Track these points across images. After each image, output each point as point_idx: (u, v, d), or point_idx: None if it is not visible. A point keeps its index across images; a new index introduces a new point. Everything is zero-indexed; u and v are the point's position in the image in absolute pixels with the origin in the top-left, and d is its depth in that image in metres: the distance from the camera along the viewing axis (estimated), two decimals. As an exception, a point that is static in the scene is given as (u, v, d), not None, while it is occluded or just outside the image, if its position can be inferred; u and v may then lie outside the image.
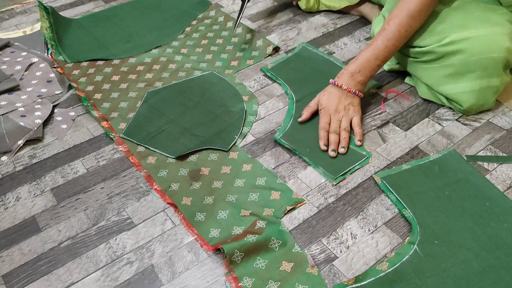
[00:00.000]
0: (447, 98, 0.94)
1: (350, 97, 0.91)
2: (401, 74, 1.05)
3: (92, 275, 0.69)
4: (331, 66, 1.07)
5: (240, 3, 1.18)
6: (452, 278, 0.66)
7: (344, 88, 0.90)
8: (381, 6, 1.17)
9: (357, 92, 0.91)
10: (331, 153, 0.85)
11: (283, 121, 0.94)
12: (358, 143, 0.88)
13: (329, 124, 0.89)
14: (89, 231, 0.75)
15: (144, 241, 0.74)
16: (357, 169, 0.83)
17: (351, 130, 0.90)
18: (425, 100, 0.98)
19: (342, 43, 1.17)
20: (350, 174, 0.83)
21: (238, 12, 1.17)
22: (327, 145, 0.87)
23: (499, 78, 0.88)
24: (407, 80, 1.02)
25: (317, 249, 0.71)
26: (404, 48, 0.95)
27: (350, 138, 0.88)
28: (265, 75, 1.07)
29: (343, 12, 1.28)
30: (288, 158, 0.86)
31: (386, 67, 1.06)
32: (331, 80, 0.92)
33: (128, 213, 0.78)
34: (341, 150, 0.86)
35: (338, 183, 0.81)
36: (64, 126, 0.95)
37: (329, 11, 1.29)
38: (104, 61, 1.12)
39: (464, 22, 0.87)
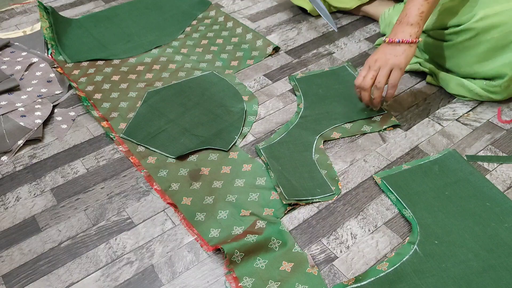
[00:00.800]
0: (484, 81, 0.93)
1: (394, 48, 0.85)
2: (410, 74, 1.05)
3: (92, 275, 0.69)
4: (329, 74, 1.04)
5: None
6: (452, 278, 0.66)
7: (386, 40, 0.85)
8: (391, 1, 1.17)
9: (400, 39, 0.84)
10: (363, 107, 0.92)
11: (277, 132, 0.90)
12: (385, 104, 0.89)
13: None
14: (89, 231, 0.75)
15: (144, 241, 0.74)
16: (317, 201, 0.78)
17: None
18: (425, 99, 0.98)
19: (342, 43, 1.17)
20: (306, 203, 0.78)
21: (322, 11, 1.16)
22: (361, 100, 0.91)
23: None
24: (428, 79, 1.02)
25: (317, 249, 0.71)
26: (435, 34, 0.95)
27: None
28: (266, 75, 1.07)
29: (343, 12, 1.28)
30: (288, 158, 0.86)
31: None
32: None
33: (128, 213, 0.78)
34: (374, 109, 0.92)
35: (289, 206, 0.76)
36: (64, 126, 0.95)
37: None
38: (104, 61, 1.12)
39: None
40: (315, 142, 0.88)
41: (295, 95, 1.00)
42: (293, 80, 1.03)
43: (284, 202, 0.77)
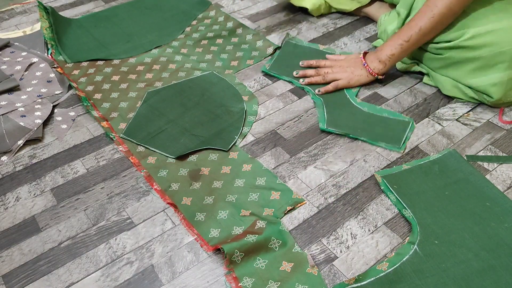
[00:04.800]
0: (475, 91, 0.94)
1: (359, 66, 0.99)
2: (410, 74, 1.05)
3: (92, 275, 0.69)
4: (318, 53, 1.12)
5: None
6: (452, 278, 0.66)
7: (360, 55, 0.99)
8: (391, 5, 1.17)
9: (371, 69, 0.97)
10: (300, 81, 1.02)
11: (317, 112, 0.95)
12: (317, 91, 0.99)
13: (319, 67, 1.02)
14: (89, 231, 0.75)
15: (144, 241, 0.74)
16: (410, 134, 0.89)
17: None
18: (425, 99, 0.98)
19: (342, 43, 1.17)
20: (408, 140, 0.87)
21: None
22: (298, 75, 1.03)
23: None
24: (425, 80, 1.02)
25: (317, 249, 0.71)
26: (425, 45, 0.96)
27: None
28: (266, 75, 1.07)
29: (344, 12, 1.28)
30: (288, 158, 0.87)
31: (398, 66, 1.06)
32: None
33: (128, 213, 0.78)
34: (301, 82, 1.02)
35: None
36: (64, 126, 0.95)
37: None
38: (104, 61, 1.12)
39: (483, 14, 0.89)
40: (351, 100, 0.97)
41: (288, 81, 1.04)
42: (267, 71, 1.07)
43: (402, 151, 0.85)
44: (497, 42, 0.87)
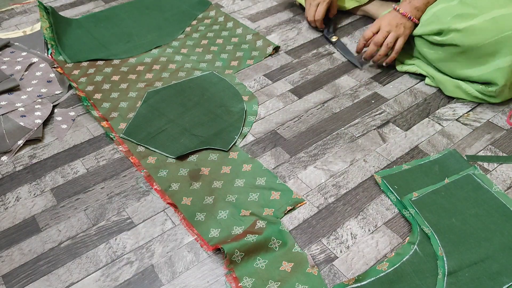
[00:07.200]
0: (480, 85, 0.93)
1: (405, 19, 0.99)
2: (410, 74, 1.05)
3: (92, 275, 0.69)
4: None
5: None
6: (452, 278, 0.66)
7: (400, 11, 0.99)
8: (390, 2, 1.17)
9: (412, 17, 0.98)
10: (362, 60, 1.07)
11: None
12: (384, 64, 1.04)
13: (374, 34, 1.02)
14: (89, 231, 0.75)
15: (144, 241, 0.74)
16: None
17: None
18: (425, 99, 0.98)
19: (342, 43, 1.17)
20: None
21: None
22: (359, 53, 1.07)
23: None
24: (427, 81, 1.02)
25: (317, 249, 0.71)
26: (430, 36, 0.96)
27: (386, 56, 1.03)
28: (265, 75, 1.07)
29: (343, 12, 1.28)
30: (288, 158, 0.87)
31: (398, 67, 1.06)
32: (394, 5, 1.02)
33: (128, 213, 0.78)
34: (373, 62, 1.06)
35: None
36: (64, 126, 0.95)
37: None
38: (104, 61, 1.12)
39: (489, 1, 0.89)
40: None
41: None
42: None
43: None
44: (501, 28, 0.87)
